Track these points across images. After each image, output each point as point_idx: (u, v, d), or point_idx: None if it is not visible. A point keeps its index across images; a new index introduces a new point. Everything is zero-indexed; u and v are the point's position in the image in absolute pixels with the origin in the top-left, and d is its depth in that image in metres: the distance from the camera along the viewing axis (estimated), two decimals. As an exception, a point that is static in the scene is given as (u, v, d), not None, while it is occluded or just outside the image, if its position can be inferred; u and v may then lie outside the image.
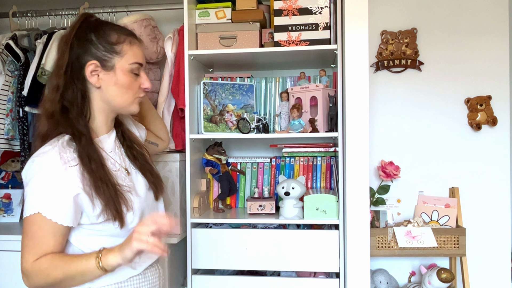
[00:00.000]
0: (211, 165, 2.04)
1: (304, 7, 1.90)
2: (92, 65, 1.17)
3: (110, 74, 1.19)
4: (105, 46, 1.18)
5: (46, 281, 1.08)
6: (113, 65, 1.19)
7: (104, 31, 1.20)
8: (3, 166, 2.44)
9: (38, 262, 1.07)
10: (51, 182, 1.08)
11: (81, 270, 1.07)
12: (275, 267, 1.86)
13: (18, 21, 2.30)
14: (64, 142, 1.14)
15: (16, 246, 1.92)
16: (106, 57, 1.18)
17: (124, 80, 1.20)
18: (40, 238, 1.08)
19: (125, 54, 1.20)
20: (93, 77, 1.18)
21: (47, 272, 1.07)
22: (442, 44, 2.23)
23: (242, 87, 2.07)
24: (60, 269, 1.07)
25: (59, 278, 1.07)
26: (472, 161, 2.22)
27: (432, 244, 2.02)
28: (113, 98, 1.21)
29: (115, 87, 1.20)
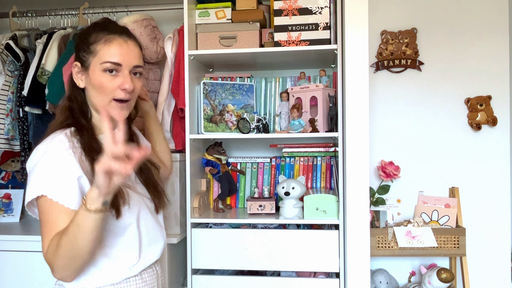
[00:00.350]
0: (211, 165, 2.04)
1: (304, 7, 1.90)
2: (76, 66, 1.21)
3: (86, 75, 1.20)
4: (84, 47, 1.19)
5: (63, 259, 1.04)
6: (88, 65, 1.18)
7: (87, 32, 1.21)
8: (3, 166, 2.44)
9: (49, 246, 1.06)
10: (55, 163, 1.09)
11: (76, 223, 1.01)
12: (275, 267, 1.86)
13: (18, 21, 2.30)
14: (68, 132, 1.16)
15: (16, 246, 1.93)
16: (84, 58, 1.19)
17: (96, 80, 1.17)
18: (52, 221, 1.07)
19: (98, 53, 1.17)
20: (77, 78, 1.22)
21: (58, 248, 1.03)
22: (442, 44, 2.23)
23: (242, 87, 2.07)
24: (63, 238, 1.03)
25: (67, 246, 1.03)
26: (472, 161, 2.22)
27: (432, 244, 2.02)
28: (92, 99, 1.21)
29: (90, 87, 1.19)
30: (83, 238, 1.02)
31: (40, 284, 1.90)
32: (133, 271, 1.20)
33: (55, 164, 1.09)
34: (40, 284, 1.90)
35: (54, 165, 1.09)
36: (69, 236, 1.02)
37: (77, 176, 1.10)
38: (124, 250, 1.19)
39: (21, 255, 1.92)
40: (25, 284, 1.92)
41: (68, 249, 1.04)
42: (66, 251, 1.04)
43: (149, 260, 1.26)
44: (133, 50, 1.20)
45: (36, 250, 1.90)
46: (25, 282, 1.92)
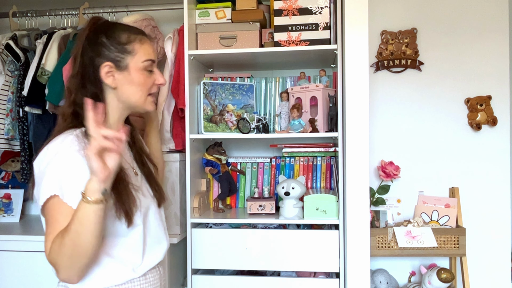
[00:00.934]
0: (211, 165, 2.04)
1: (304, 7, 1.90)
2: (107, 66, 1.20)
3: (125, 74, 1.21)
4: (117, 47, 1.20)
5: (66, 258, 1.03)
6: (126, 65, 1.21)
7: (114, 32, 1.22)
8: (3, 166, 2.44)
9: (52, 246, 1.04)
10: (68, 165, 1.08)
11: (78, 218, 1.01)
12: (275, 267, 1.86)
13: (18, 21, 2.30)
14: (79, 134, 1.15)
15: (16, 246, 1.93)
16: (119, 58, 1.20)
17: (138, 78, 1.22)
18: (59, 222, 1.05)
19: (137, 53, 1.22)
20: (108, 78, 1.20)
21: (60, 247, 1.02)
22: (442, 44, 2.23)
23: (242, 87, 2.07)
24: (66, 235, 1.02)
25: (70, 244, 1.02)
26: (472, 161, 2.22)
27: (432, 244, 2.02)
28: (128, 97, 1.23)
29: (129, 85, 1.22)
30: (86, 234, 1.02)
31: (40, 284, 1.90)
32: (137, 272, 1.20)
33: (67, 166, 1.08)
34: (40, 284, 1.90)
35: (66, 167, 1.08)
36: (72, 234, 1.02)
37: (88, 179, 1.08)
38: (129, 251, 1.19)
39: (21, 255, 1.92)
40: (25, 284, 1.92)
41: (71, 247, 1.03)
42: (70, 249, 1.03)
43: (153, 262, 1.26)
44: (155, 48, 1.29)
45: (36, 250, 1.90)
46: (25, 282, 1.92)
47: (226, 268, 1.94)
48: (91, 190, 1.00)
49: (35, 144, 2.13)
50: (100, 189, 1.00)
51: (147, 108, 1.27)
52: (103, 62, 1.19)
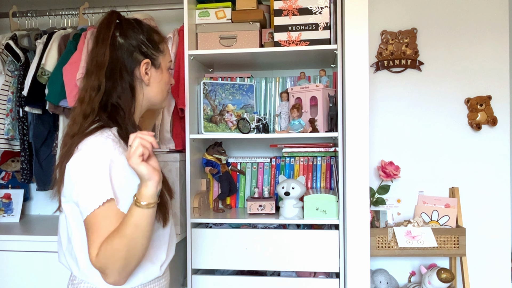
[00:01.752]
0: (211, 165, 2.04)
1: (304, 7, 1.90)
2: (146, 63, 1.21)
3: (158, 72, 1.25)
4: (153, 46, 1.23)
5: (120, 262, 1.03)
6: (159, 63, 1.25)
7: (148, 30, 1.24)
8: (3, 166, 2.44)
9: (101, 251, 1.02)
10: (115, 170, 1.06)
11: (134, 223, 1.01)
12: (275, 267, 1.86)
13: (18, 21, 2.30)
14: (116, 134, 1.12)
15: (16, 246, 1.93)
16: (155, 56, 1.23)
17: (166, 77, 1.28)
18: (105, 227, 1.03)
19: (166, 53, 1.27)
20: (146, 75, 1.22)
21: (113, 252, 1.01)
22: (442, 44, 2.23)
23: (242, 87, 2.07)
24: (118, 240, 1.01)
25: (124, 249, 1.02)
26: (472, 161, 2.22)
27: (432, 244, 2.02)
28: (156, 94, 1.26)
29: (159, 83, 1.25)
30: (142, 236, 1.04)
31: (40, 284, 1.90)
32: (162, 270, 1.20)
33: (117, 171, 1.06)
34: (40, 284, 1.90)
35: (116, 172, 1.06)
36: (128, 238, 1.01)
37: (137, 183, 1.06)
38: (159, 249, 1.19)
39: (21, 255, 1.92)
40: (25, 284, 1.92)
41: (126, 251, 1.02)
42: (124, 253, 1.02)
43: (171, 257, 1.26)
44: None
45: (36, 250, 1.90)
46: (25, 282, 1.92)
47: (226, 268, 1.94)
48: (148, 195, 1.01)
49: (35, 144, 2.13)
50: (157, 192, 1.03)
51: (164, 105, 1.34)
52: (143, 59, 1.20)
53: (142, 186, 1.02)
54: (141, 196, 1.01)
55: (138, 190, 1.03)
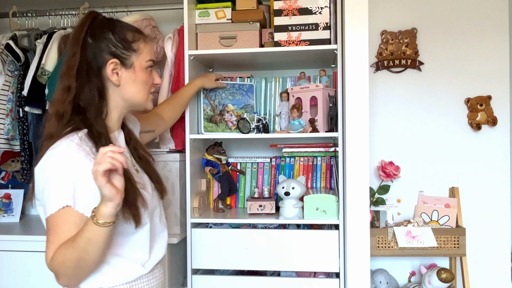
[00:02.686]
0: (211, 165, 2.04)
1: (304, 7, 1.90)
2: (113, 63, 1.18)
3: (130, 72, 1.21)
4: (123, 44, 1.20)
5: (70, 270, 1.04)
6: (132, 63, 1.21)
7: (120, 29, 1.21)
8: (3, 166, 2.44)
9: (55, 256, 1.04)
10: (78, 173, 1.06)
11: (88, 238, 1.01)
12: (275, 267, 1.86)
13: (18, 21, 2.30)
14: (83, 137, 1.12)
15: (16, 246, 1.93)
16: (125, 55, 1.20)
17: (142, 77, 1.23)
18: (62, 231, 1.04)
19: (142, 52, 1.23)
20: (114, 75, 1.19)
21: (64, 260, 1.03)
22: (442, 44, 2.23)
23: (242, 87, 2.07)
24: (71, 250, 1.02)
25: (76, 259, 1.03)
26: (472, 161, 2.22)
27: (432, 244, 2.02)
28: (132, 95, 1.23)
29: (134, 84, 1.22)
30: (95, 251, 1.04)
31: (40, 284, 1.90)
32: (146, 268, 1.21)
33: (78, 174, 1.06)
34: (40, 284, 1.90)
35: (77, 175, 1.06)
36: (79, 250, 1.02)
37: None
38: (137, 248, 1.20)
39: (21, 255, 1.92)
40: (25, 284, 1.92)
41: (77, 262, 1.03)
42: (75, 263, 1.04)
43: (159, 255, 1.27)
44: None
45: (36, 250, 1.90)
46: (25, 282, 1.92)
47: (226, 268, 1.94)
48: (106, 215, 1.00)
49: (35, 144, 2.13)
50: (115, 213, 1.01)
51: (148, 106, 1.29)
52: (110, 59, 1.18)
53: (102, 204, 1.01)
54: (99, 214, 1.00)
55: (97, 207, 1.02)
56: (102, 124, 1.18)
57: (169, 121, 1.78)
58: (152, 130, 1.64)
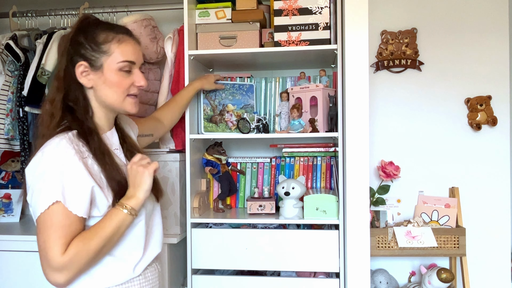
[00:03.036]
0: (211, 165, 2.04)
1: (304, 7, 1.90)
2: (81, 66, 1.20)
3: (99, 74, 1.21)
4: (92, 47, 1.20)
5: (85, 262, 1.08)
6: (100, 65, 1.20)
7: (93, 32, 1.21)
8: (3, 166, 2.44)
9: (69, 251, 1.06)
10: (67, 171, 1.08)
11: (116, 227, 1.11)
12: (275, 267, 1.86)
13: (18, 21, 2.30)
14: (73, 136, 1.15)
15: (16, 246, 1.93)
16: (94, 57, 1.20)
17: (112, 79, 1.21)
18: (66, 227, 1.06)
19: (112, 53, 1.20)
20: (83, 77, 1.21)
21: (84, 252, 1.06)
22: (442, 44, 2.23)
23: (242, 87, 2.07)
24: (96, 240, 1.08)
25: (99, 248, 1.08)
26: (472, 161, 2.22)
27: (432, 244, 2.02)
28: (105, 98, 1.22)
29: (104, 86, 1.21)
30: (116, 240, 1.13)
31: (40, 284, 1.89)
32: (137, 270, 1.21)
33: (68, 172, 1.08)
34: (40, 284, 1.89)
35: (67, 173, 1.08)
36: (106, 240, 1.09)
37: (91, 186, 1.10)
38: (130, 248, 1.20)
39: (21, 255, 1.92)
40: (25, 284, 1.92)
41: (98, 251, 1.09)
42: (95, 253, 1.08)
43: (152, 255, 1.27)
44: (140, 49, 1.27)
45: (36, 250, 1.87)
46: (25, 282, 1.92)
47: (226, 268, 1.94)
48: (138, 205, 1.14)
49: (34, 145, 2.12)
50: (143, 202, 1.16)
51: (126, 109, 1.26)
52: (78, 61, 1.19)
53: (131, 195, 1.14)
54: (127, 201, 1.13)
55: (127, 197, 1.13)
56: (91, 122, 1.21)
57: (168, 125, 1.78)
58: (150, 134, 1.64)
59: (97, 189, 1.12)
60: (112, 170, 1.16)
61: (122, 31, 1.24)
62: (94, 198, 1.12)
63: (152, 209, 1.30)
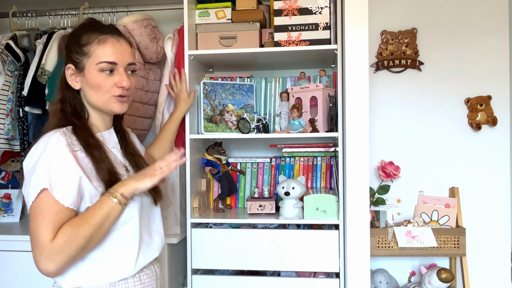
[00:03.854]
0: (211, 165, 2.04)
1: (304, 7, 1.90)
2: (69, 69, 1.24)
3: (82, 76, 1.23)
4: (76, 49, 1.23)
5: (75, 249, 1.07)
6: (83, 67, 1.22)
7: (78, 34, 1.24)
8: (3, 166, 2.44)
9: (58, 237, 1.06)
10: (56, 161, 1.10)
11: (105, 215, 1.11)
12: (275, 267, 1.86)
13: (18, 21, 2.30)
14: (67, 130, 1.18)
15: (16, 246, 1.93)
16: (78, 60, 1.22)
17: (92, 80, 1.22)
18: (53, 213, 1.07)
19: (92, 54, 1.21)
20: (71, 80, 1.24)
21: (74, 238, 1.07)
22: (442, 44, 2.23)
23: (242, 87, 2.07)
24: (85, 227, 1.08)
25: (89, 236, 1.09)
26: (472, 161, 2.22)
27: (432, 244, 2.02)
28: (90, 99, 1.25)
29: (88, 87, 1.23)
30: (106, 228, 1.12)
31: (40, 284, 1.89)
32: (131, 270, 1.20)
33: (56, 161, 1.10)
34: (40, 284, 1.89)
35: (55, 162, 1.10)
36: (95, 227, 1.09)
37: (79, 176, 1.12)
38: (124, 246, 1.19)
39: (21, 255, 1.92)
40: (25, 284, 1.92)
41: (89, 238, 1.09)
42: (86, 240, 1.09)
43: (149, 257, 1.26)
44: (126, 49, 1.25)
45: (36, 250, 1.90)
46: (25, 282, 1.92)
47: (226, 268, 1.94)
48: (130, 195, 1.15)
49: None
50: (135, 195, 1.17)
51: (113, 109, 1.25)
52: (68, 64, 1.24)
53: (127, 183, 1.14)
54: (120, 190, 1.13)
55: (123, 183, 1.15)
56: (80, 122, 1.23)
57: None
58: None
59: (85, 180, 1.12)
60: (102, 163, 1.17)
61: (107, 31, 1.24)
62: (82, 190, 1.12)
63: (150, 212, 1.30)
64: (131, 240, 1.20)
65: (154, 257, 1.28)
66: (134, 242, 1.21)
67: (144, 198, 1.27)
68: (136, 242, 1.21)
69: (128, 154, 1.33)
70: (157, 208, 1.34)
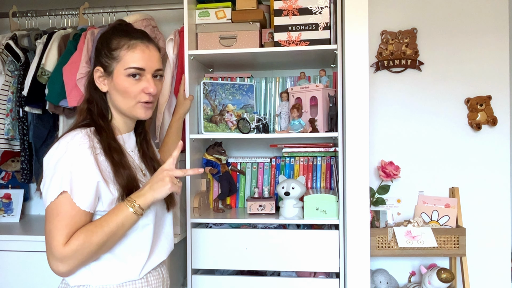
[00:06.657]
0: (211, 165, 2.04)
1: (304, 7, 1.90)
2: (98, 71, 1.25)
3: (110, 79, 1.24)
4: (106, 53, 1.23)
5: (87, 254, 1.09)
6: (112, 71, 1.23)
7: (109, 38, 1.24)
8: (3, 166, 2.44)
9: (71, 242, 1.07)
10: (77, 163, 1.10)
11: (121, 223, 1.11)
12: (275, 267, 1.86)
13: (18, 21, 2.30)
14: (90, 132, 1.18)
15: (16, 246, 1.93)
16: (107, 63, 1.23)
17: (120, 85, 1.22)
18: (70, 216, 1.08)
19: (121, 59, 1.22)
20: (99, 82, 1.25)
21: (87, 244, 1.08)
22: (442, 44, 2.23)
23: (242, 87, 2.07)
24: (100, 234, 1.09)
25: (102, 242, 1.10)
26: (472, 161, 2.22)
27: (432, 244, 2.02)
28: (117, 103, 1.25)
29: (115, 91, 1.24)
30: (121, 235, 1.13)
31: (40, 284, 1.90)
32: (139, 273, 1.20)
33: (78, 165, 1.10)
34: (40, 284, 1.90)
35: (77, 165, 1.10)
36: (109, 234, 1.10)
37: (97, 181, 1.12)
38: (135, 250, 1.20)
39: (21, 255, 1.92)
40: (25, 284, 1.92)
41: (101, 245, 1.10)
42: (99, 246, 1.10)
43: (156, 261, 1.26)
44: (154, 55, 1.26)
45: (36, 250, 1.90)
46: (25, 282, 1.92)
47: (226, 268, 1.94)
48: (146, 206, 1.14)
49: (35, 144, 2.13)
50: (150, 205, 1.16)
51: (137, 115, 1.26)
52: (96, 66, 1.25)
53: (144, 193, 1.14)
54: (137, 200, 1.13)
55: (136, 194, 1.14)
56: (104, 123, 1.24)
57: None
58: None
59: (102, 185, 1.13)
60: (120, 167, 1.18)
61: (137, 36, 1.25)
62: (99, 193, 1.13)
63: (163, 217, 1.31)
64: (143, 247, 1.21)
65: (161, 260, 1.29)
66: (146, 249, 1.22)
67: (159, 205, 1.28)
68: (147, 248, 1.22)
69: (147, 157, 1.33)
70: (170, 214, 1.35)
